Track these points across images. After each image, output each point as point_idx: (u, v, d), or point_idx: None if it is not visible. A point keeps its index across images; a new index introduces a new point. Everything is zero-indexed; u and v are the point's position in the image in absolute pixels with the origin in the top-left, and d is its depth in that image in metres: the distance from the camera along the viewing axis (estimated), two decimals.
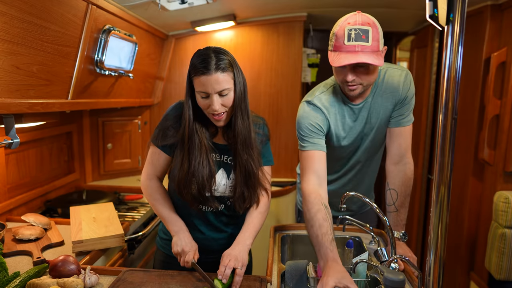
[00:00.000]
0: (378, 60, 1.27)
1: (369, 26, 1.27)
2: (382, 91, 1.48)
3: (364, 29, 1.27)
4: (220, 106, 1.24)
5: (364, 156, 1.60)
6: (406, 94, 1.48)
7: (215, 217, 1.43)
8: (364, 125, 1.52)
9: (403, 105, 1.49)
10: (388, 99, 1.48)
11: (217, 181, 1.36)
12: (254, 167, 1.35)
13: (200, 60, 1.21)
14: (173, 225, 1.38)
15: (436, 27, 0.76)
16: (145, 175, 1.44)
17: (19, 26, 1.31)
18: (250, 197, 1.38)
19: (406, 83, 1.47)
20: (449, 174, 0.80)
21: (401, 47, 4.00)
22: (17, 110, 1.43)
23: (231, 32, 2.91)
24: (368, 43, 1.27)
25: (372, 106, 1.49)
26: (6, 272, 1.24)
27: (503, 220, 2.07)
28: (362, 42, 1.27)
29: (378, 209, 1.35)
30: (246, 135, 1.32)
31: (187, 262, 1.29)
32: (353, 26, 1.28)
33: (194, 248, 1.33)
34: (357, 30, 1.27)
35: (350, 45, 1.28)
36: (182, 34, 2.90)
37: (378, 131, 1.53)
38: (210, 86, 1.21)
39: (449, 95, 0.77)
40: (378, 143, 1.59)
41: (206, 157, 1.31)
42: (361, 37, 1.27)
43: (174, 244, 1.33)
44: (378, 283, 1.35)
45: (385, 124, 1.53)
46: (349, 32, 1.28)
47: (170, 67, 2.99)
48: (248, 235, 1.35)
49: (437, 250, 0.83)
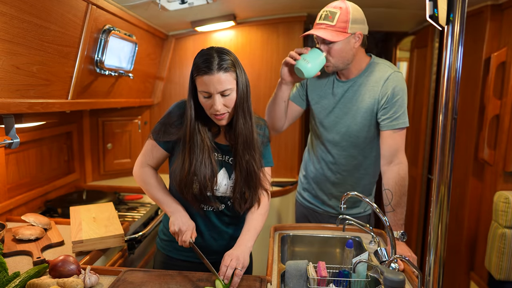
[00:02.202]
0: (335, 37, 1.51)
1: (339, 10, 1.52)
2: (365, 81, 1.63)
3: (333, 11, 1.53)
4: (222, 106, 1.24)
5: (348, 138, 1.69)
6: (386, 93, 1.57)
7: (216, 217, 1.43)
8: (342, 104, 1.67)
9: (387, 105, 1.57)
10: (368, 91, 1.62)
11: (218, 181, 1.36)
12: (255, 167, 1.35)
13: (202, 59, 1.22)
14: (168, 206, 1.38)
15: (436, 27, 0.76)
16: (139, 163, 1.44)
17: (19, 26, 1.31)
18: (251, 197, 1.38)
19: (389, 82, 1.58)
20: (449, 174, 0.80)
21: (401, 47, 3.99)
22: (17, 110, 1.42)
23: (231, 32, 2.91)
24: (332, 23, 1.52)
25: (354, 91, 1.64)
26: (6, 272, 1.24)
27: (503, 220, 2.07)
28: (328, 21, 1.53)
29: (378, 209, 1.35)
30: (248, 136, 1.31)
31: (185, 242, 1.29)
32: (327, 8, 1.56)
33: (191, 227, 1.32)
34: (327, 12, 1.55)
35: (319, 23, 1.57)
36: (182, 34, 2.90)
37: (358, 114, 1.64)
38: (212, 86, 1.21)
39: (449, 95, 0.77)
40: (361, 130, 1.66)
41: (208, 157, 1.31)
42: (328, 18, 1.54)
43: (171, 223, 1.33)
44: (378, 283, 1.35)
45: (364, 117, 1.63)
46: (322, 13, 1.57)
47: (170, 67, 2.99)
48: (250, 237, 1.35)
49: (437, 250, 0.83)
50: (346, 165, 1.74)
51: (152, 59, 2.74)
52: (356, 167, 1.74)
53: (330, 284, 1.37)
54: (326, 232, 1.73)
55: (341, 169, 1.76)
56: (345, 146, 1.71)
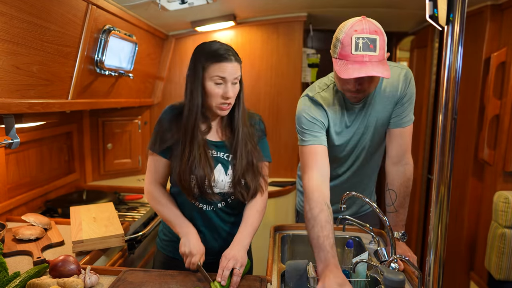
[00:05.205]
0: (386, 71, 1.23)
1: (377, 35, 1.23)
2: (382, 91, 1.46)
3: (372, 38, 1.22)
4: (234, 94, 1.30)
5: (363, 156, 1.59)
6: (404, 92, 1.45)
7: (215, 215, 1.43)
8: (363, 125, 1.50)
9: (402, 105, 1.47)
10: (388, 99, 1.46)
11: (216, 177, 1.36)
12: (254, 157, 1.39)
13: (217, 47, 1.27)
14: (181, 227, 1.37)
15: (436, 27, 0.76)
16: (148, 182, 1.44)
17: (19, 26, 1.31)
18: (254, 185, 1.39)
19: (406, 81, 1.45)
20: (449, 174, 0.80)
21: (401, 47, 4.00)
22: (17, 110, 1.43)
23: (231, 32, 2.91)
24: (375, 53, 1.22)
25: (371, 105, 1.47)
26: (6, 272, 1.24)
27: (503, 220, 2.07)
28: (370, 52, 1.22)
29: (378, 209, 1.35)
30: (246, 124, 1.38)
31: (193, 264, 1.29)
32: (361, 35, 1.22)
33: (201, 252, 1.32)
34: (365, 39, 1.22)
35: (357, 55, 1.22)
36: (182, 34, 2.90)
37: (376, 131, 1.52)
38: (229, 73, 1.26)
39: (449, 95, 0.77)
40: (377, 143, 1.58)
41: (204, 153, 1.33)
42: (368, 47, 1.22)
43: (182, 244, 1.32)
44: (378, 283, 1.35)
45: (384, 125, 1.51)
46: (357, 41, 1.22)
47: (170, 67, 2.99)
48: (246, 234, 1.36)
49: (437, 250, 0.83)
50: (356, 176, 1.67)
51: (152, 59, 2.74)
52: (358, 169, 1.66)
53: None
54: None
55: (350, 182, 1.68)
56: (361, 158, 1.61)
